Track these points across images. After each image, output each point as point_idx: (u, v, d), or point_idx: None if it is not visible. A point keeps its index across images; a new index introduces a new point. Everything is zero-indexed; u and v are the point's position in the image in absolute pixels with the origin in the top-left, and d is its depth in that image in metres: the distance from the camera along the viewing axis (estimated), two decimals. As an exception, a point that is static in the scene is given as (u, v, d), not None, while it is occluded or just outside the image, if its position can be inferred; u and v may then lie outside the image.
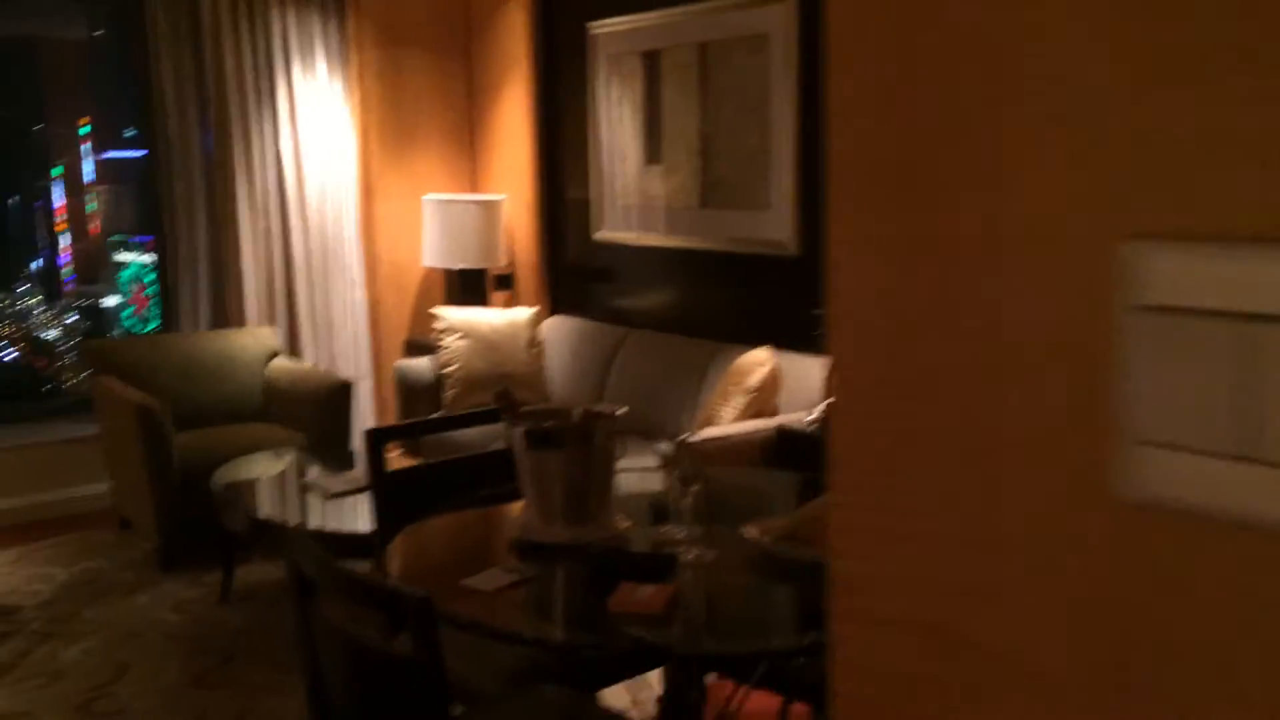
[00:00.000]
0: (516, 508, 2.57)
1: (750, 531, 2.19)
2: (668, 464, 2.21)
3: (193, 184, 5.16)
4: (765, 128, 4.32)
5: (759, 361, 3.97)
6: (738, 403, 3.92)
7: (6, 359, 5.80)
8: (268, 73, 5.19)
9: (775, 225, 4.35)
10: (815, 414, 3.75)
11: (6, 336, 5.76)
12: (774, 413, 4.05)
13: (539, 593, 2.04)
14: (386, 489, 2.59)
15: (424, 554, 2.26)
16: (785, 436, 3.77)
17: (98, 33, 6.29)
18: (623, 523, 2.28)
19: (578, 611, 1.96)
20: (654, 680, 2.87)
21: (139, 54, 5.13)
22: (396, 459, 3.75)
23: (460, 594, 1.99)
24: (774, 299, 4.46)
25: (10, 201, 5.92)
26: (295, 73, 5.26)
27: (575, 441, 2.20)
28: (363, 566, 4.02)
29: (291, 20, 5.22)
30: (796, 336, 4.27)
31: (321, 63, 5.34)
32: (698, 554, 2.12)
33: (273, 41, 5.18)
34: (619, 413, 2.26)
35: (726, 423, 3.89)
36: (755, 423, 3.91)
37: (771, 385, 3.96)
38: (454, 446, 4.32)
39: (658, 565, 2.06)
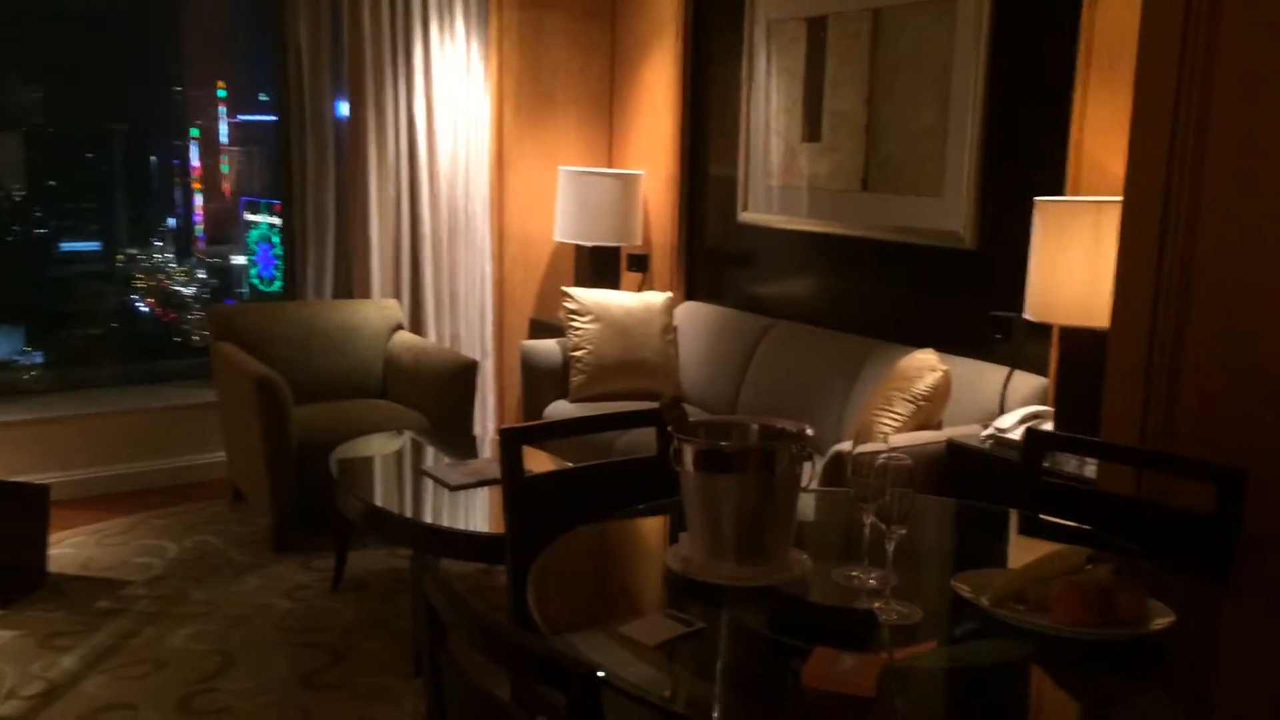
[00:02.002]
0: (658, 527, 2.23)
1: (963, 589, 1.81)
2: (861, 495, 1.83)
3: (324, 149, 4.94)
4: (944, 105, 3.87)
5: (929, 365, 3.54)
6: (902, 410, 3.50)
7: (143, 310, 5.94)
8: (404, 33, 4.93)
9: (949, 215, 3.90)
10: (993, 428, 3.31)
11: (143, 288, 5.86)
12: (938, 425, 3.63)
13: (711, 651, 1.69)
14: (521, 497, 2.27)
15: (566, 585, 1.93)
16: (957, 453, 3.36)
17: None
18: (801, 561, 1.91)
19: (762, 682, 1.60)
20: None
21: (275, 15, 4.93)
22: (526, 452, 3.43)
23: (612, 643, 1.66)
24: (941, 296, 4.01)
25: (152, 161, 6.03)
26: (433, 33, 4.98)
27: (755, 466, 1.84)
28: (489, 574, 3.71)
29: (432, -23, 4.94)
30: (966, 339, 3.84)
31: (460, 23, 5.05)
32: (900, 613, 1.74)
33: (412, 0, 4.91)
34: (808, 433, 1.89)
35: (888, 432, 3.48)
36: (922, 435, 3.49)
37: (943, 393, 3.53)
38: (591, 444, 4.01)
39: (854, 625, 1.69)
